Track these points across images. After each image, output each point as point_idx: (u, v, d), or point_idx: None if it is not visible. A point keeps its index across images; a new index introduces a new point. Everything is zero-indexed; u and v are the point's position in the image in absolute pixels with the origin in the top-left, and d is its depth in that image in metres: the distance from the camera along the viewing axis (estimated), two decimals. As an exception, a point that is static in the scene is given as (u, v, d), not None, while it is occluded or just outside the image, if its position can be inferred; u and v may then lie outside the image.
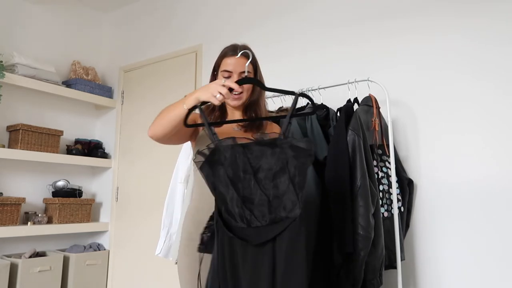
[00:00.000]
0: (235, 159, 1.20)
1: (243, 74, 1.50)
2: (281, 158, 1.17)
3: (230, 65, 1.50)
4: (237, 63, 1.49)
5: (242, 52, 1.50)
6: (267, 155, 1.18)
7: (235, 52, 1.51)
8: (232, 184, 1.19)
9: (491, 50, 1.83)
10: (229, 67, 1.50)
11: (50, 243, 3.03)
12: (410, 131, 1.99)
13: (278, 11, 2.56)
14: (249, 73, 1.52)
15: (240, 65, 1.49)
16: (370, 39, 2.16)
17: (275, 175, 1.17)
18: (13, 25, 3.02)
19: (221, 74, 1.53)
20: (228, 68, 1.50)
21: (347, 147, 1.60)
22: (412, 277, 1.91)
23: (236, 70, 1.49)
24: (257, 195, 1.18)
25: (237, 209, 1.19)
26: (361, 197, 1.54)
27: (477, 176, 1.80)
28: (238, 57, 1.50)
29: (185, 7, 3.08)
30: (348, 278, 1.51)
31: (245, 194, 1.19)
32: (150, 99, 3.15)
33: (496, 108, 1.79)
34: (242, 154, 1.19)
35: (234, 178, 1.20)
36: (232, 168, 1.20)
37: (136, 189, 3.10)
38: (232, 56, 1.51)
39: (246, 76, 1.49)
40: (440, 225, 1.87)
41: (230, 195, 1.20)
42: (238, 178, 1.19)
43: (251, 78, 1.47)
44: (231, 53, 1.51)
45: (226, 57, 1.52)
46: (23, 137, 2.77)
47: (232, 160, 1.20)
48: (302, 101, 2.03)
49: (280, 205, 1.16)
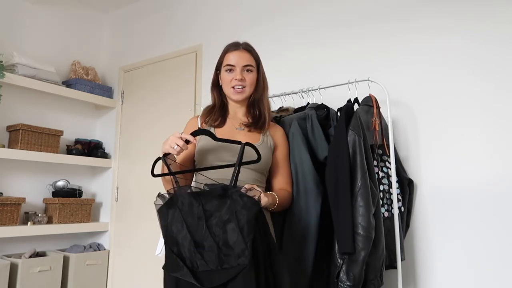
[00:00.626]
0: (191, 205, 1.26)
1: (245, 68, 1.51)
2: (231, 208, 1.22)
3: (233, 59, 1.51)
4: (239, 57, 1.51)
5: (243, 45, 1.53)
6: (219, 203, 1.24)
7: (237, 47, 1.53)
8: (187, 226, 1.25)
9: (492, 51, 1.83)
10: (232, 61, 1.51)
11: (50, 243, 3.02)
12: (410, 131, 1.99)
13: (278, 11, 2.56)
14: (251, 66, 1.52)
15: (243, 58, 1.51)
16: (370, 39, 2.16)
17: (225, 223, 1.22)
18: (13, 25, 3.02)
19: (223, 68, 1.53)
20: (231, 62, 1.51)
21: (347, 147, 1.60)
22: (412, 277, 1.91)
23: (239, 64, 1.50)
24: (207, 240, 1.23)
25: (187, 253, 1.24)
26: (362, 197, 1.54)
27: (478, 176, 1.80)
28: (240, 50, 1.52)
29: (185, 7, 3.08)
30: (349, 278, 1.51)
31: (196, 239, 1.24)
32: (150, 99, 3.15)
33: (496, 108, 1.79)
34: (197, 202, 1.26)
35: (189, 222, 1.26)
36: (188, 213, 1.26)
37: (136, 189, 3.10)
38: (235, 50, 1.52)
39: (249, 69, 1.50)
40: (440, 225, 1.87)
41: (183, 235, 1.25)
42: (192, 222, 1.26)
43: (204, 129, 1.44)
44: (233, 48, 1.53)
45: (228, 52, 1.53)
46: (23, 137, 2.76)
47: (189, 206, 1.26)
48: (302, 101, 2.04)
49: (230, 252, 1.20)
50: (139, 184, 3.09)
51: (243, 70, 1.51)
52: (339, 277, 1.53)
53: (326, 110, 1.85)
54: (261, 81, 1.58)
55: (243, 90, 1.51)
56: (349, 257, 1.52)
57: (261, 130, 1.55)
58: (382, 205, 1.72)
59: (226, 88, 1.55)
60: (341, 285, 1.52)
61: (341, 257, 1.54)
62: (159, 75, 3.13)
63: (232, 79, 1.51)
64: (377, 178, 1.71)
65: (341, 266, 1.53)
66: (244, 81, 1.51)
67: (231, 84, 1.52)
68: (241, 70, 1.50)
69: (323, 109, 1.84)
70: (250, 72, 1.53)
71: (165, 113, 3.01)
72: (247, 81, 1.51)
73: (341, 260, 1.54)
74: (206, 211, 1.25)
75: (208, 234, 1.23)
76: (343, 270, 1.53)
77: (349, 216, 1.52)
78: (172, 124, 2.90)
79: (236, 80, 1.50)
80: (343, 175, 1.56)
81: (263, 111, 1.56)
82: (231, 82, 1.52)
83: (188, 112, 2.83)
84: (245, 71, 1.52)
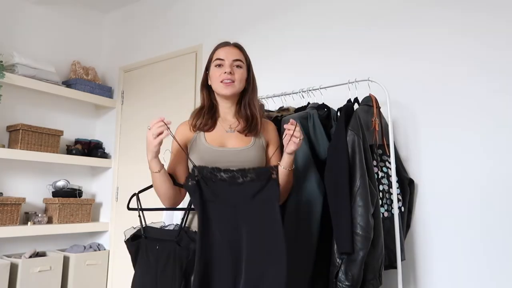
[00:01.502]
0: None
1: (235, 63, 1.49)
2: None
3: (222, 53, 1.50)
4: (229, 52, 1.50)
5: (233, 43, 1.54)
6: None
7: (227, 43, 1.54)
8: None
9: (494, 51, 1.82)
10: (221, 55, 1.50)
11: (50, 243, 3.02)
12: (410, 131, 1.99)
13: (279, 11, 2.56)
14: (240, 62, 1.51)
15: (233, 53, 1.50)
16: (370, 39, 2.16)
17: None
18: (13, 25, 3.02)
19: (213, 64, 1.51)
20: (220, 56, 1.50)
21: (346, 147, 1.59)
22: (412, 277, 1.91)
23: (228, 58, 1.49)
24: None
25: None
26: (361, 197, 1.54)
27: (478, 176, 1.80)
28: (230, 46, 1.52)
29: (185, 7, 3.08)
30: (348, 278, 1.51)
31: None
32: (150, 99, 3.15)
33: (497, 109, 1.79)
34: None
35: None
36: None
37: (136, 189, 3.08)
38: (224, 46, 1.52)
39: (238, 65, 1.49)
40: (440, 225, 1.86)
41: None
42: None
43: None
44: (223, 44, 1.54)
45: (218, 49, 1.53)
46: (23, 137, 2.76)
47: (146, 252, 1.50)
48: (302, 101, 2.04)
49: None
50: (139, 184, 3.07)
51: (232, 65, 1.49)
52: (337, 277, 1.53)
53: (327, 110, 1.85)
54: (251, 81, 1.55)
55: (232, 84, 1.48)
56: (347, 257, 1.52)
57: (255, 133, 1.51)
58: (382, 205, 1.72)
59: (215, 84, 1.51)
60: (340, 285, 1.52)
61: (340, 257, 1.54)
62: (159, 75, 3.13)
63: (221, 74, 1.48)
64: (376, 178, 1.71)
65: (340, 266, 1.53)
66: (233, 75, 1.49)
67: (220, 78, 1.48)
68: (231, 65, 1.48)
69: (323, 109, 1.84)
70: (239, 68, 1.50)
71: (165, 113, 2.98)
72: (236, 76, 1.48)
73: (339, 260, 1.54)
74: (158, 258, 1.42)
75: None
76: (342, 270, 1.53)
77: (348, 216, 1.52)
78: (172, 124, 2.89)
79: (225, 74, 1.47)
80: (342, 175, 1.55)
81: (255, 113, 1.53)
82: (220, 76, 1.48)
83: (188, 112, 2.82)
84: (235, 66, 1.49)
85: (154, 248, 1.44)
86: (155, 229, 1.51)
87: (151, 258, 1.43)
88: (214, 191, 1.35)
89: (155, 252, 1.43)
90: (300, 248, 1.57)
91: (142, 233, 1.50)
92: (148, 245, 1.46)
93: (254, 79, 1.58)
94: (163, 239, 1.44)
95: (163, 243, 1.43)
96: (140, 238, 1.50)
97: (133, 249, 1.51)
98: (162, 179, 1.48)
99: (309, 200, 1.60)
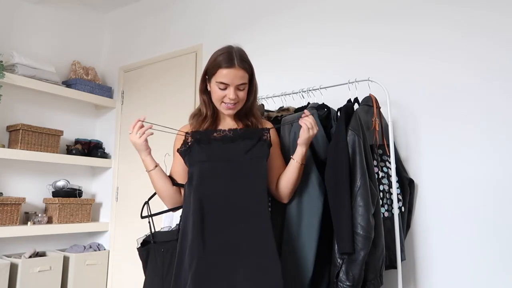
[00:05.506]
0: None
1: (240, 86, 1.47)
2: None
3: (227, 78, 1.44)
4: (234, 76, 1.44)
5: (238, 61, 1.45)
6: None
7: (231, 63, 1.44)
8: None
9: (494, 50, 1.82)
10: (225, 80, 1.44)
11: (50, 243, 3.02)
12: (410, 131, 1.99)
13: (279, 11, 2.56)
14: (244, 85, 1.49)
15: (237, 77, 1.45)
16: (371, 39, 2.16)
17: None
18: (13, 25, 3.02)
19: (216, 85, 1.47)
20: (224, 80, 1.45)
21: (347, 147, 1.59)
22: (412, 277, 1.91)
23: (233, 83, 1.45)
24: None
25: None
26: (361, 197, 1.54)
27: (478, 176, 1.80)
28: (235, 68, 1.44)
29: (185, 7, 3.08)
30: (348, 278, 1.51)
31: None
32: (150, 99, 3.15)
33: (497, 108, 1.79)
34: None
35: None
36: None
37: (136, 189, 3.10)
38: (229, 68, 1.44)
39: (243, 88, 1.48)
40: (441, 225, 1.86)
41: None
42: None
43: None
44: (227, 64, 1.44)
45: (221, 68, 1.44)
46: (23, 137, 2.76)
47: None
48: (302, 101, 2.04)
49: None
50: (139, 184, 3.09)
51: (236, 89, 1.46)
52: (338, 277, 1.53)
53: (327, 110, 1.85)
54: (252, 91, 1.54)
55: (235, 106, 1.49)
56: (348, 257, 1.52)
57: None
58: (382, 205, 1.72)
59: (217, 103, 1.51)
60: (341, 285, 1.52)
61: (341, 257, 1.53)
62: (159, 75, 3.13)
63: (224, 96, 1.47)
64: (377, 178, 1.71)
65: (341, 266, 1.53)
66: (237, 99, 1.48)
67: (223, 100, 1.48)
68: (235, 89, 1.46)
69: (323, 109, 1.84)
70: (242, 91, 1.49)
71: (165, 113, 3.00)
72: (239, 98, 1.48)
73: (340, 260, 1.53)
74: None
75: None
76: (343, 270, 1.53)
77: (349, 216, 1.52)
78: (172, 124, 2.89)
79: (229, 99, 1.46)
80: (343, 175, 1.55)
81: (255, 122, 1.55)
82: (223, 98, 1.48)
83: (188, 112, 2.82)
84: (238, 89, 1.48)
85: (160, 250, 1.52)
86: (162, 233, 1.59)
87: (158, 260, 1.50)
88: (208, 152, 1.46)
89: (161, 254, 1.50)
90: (301, 248, 1.57)
91: (152, 238, 1.58)
92: (156, 249, 1.55)
93: (256, 88, 1.57)
94: (167, 240, 1.52)
95: (167, 244, 1.50)
96: (150, 244, 1.58)
97: (144, 254, 1.57)
98: (158, 176, 1.53)
99: (310, 200, 1.60)
